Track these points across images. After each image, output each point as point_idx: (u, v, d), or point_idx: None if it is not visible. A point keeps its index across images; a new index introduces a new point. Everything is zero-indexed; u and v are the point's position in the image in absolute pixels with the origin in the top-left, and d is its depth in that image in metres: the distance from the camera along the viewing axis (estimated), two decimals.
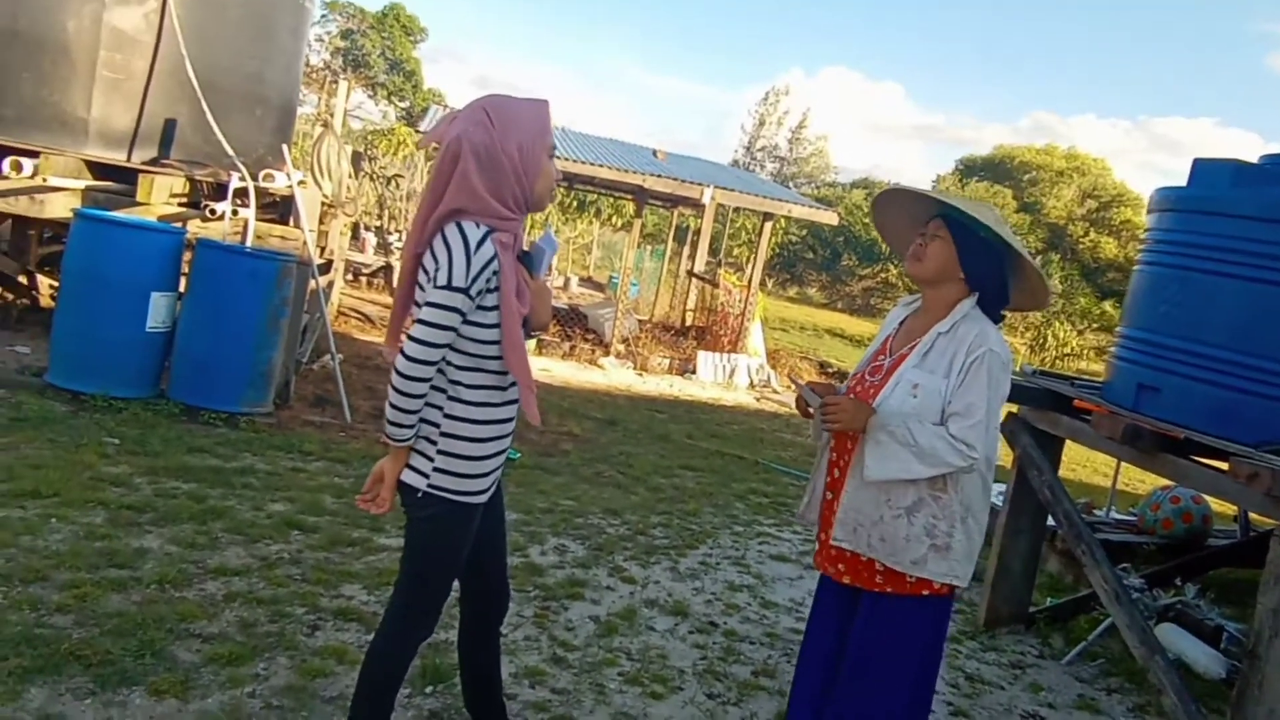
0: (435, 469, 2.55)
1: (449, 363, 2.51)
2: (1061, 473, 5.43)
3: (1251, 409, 4.09)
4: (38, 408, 5.82)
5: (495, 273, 2.44)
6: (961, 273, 2.87)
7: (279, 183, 7.49)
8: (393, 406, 2.47)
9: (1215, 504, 7.03)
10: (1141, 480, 10.37)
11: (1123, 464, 7.20)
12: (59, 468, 4.90)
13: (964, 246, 2.86)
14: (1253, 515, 6.45)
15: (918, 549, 2.78)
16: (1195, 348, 4.30)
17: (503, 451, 2.67)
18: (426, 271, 2.46)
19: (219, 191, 7.30)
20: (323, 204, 8.50)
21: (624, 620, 4.48)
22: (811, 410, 2.91)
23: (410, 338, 2.43)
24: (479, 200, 2.44)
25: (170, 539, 4.37)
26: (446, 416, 2.54)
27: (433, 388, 2.52)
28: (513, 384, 2.60)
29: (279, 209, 7.84)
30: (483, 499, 2.63)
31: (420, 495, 2.56)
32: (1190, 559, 6.03)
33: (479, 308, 2.46)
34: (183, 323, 6.49)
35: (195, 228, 7.05)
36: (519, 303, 2.53)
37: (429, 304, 2.42)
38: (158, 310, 6.37)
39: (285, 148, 7.85)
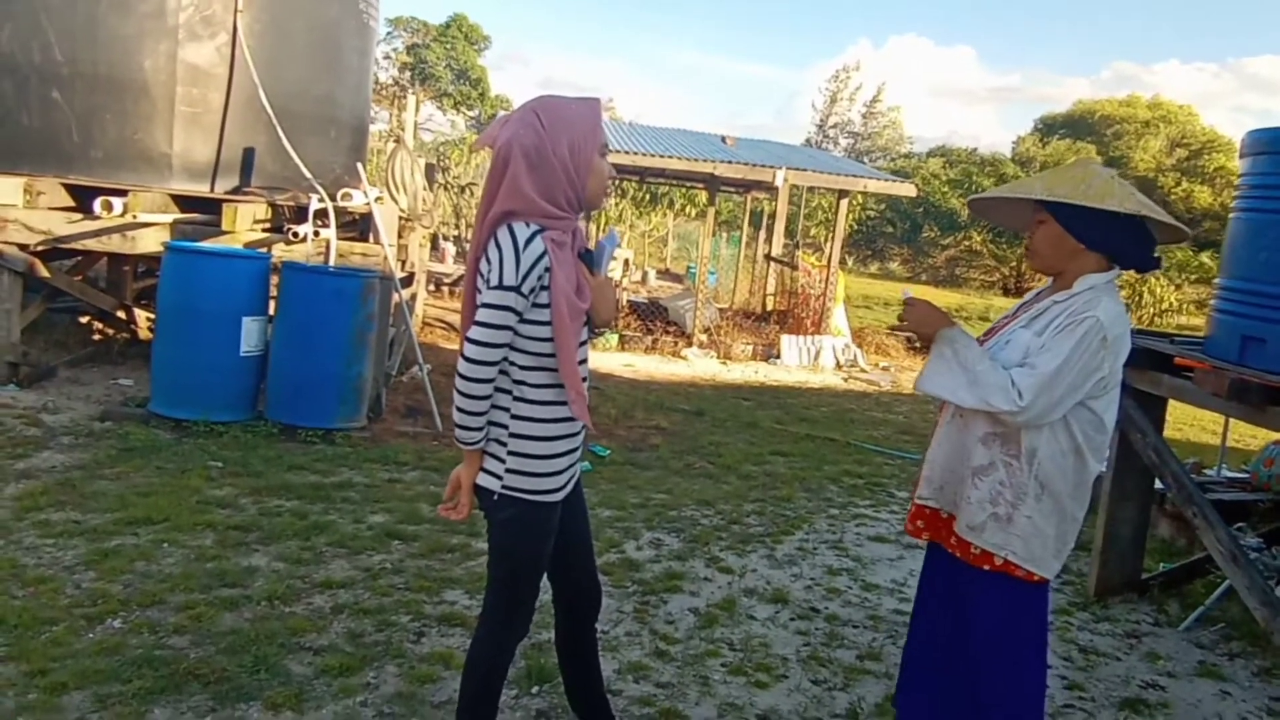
0: (508, 470, 2.57)
1: (512, 363, 2.53)
2: (1167, 433, 5.26)
3: None
4: (143, 437, 6.03)
5: (547, 269, 2.46)
6: (1080, 244, 2.73)
7: (356, 201, 7.63)
8: (459, 410, 2.50)
9: None
10: (1253, 436, 9.99)
11: (1231, 420, 6.94)
12: (167, 494, 5.07)
13: (1068, 220, 2.71)
14: None
15: (978, 514, 2.69)
16: None
17: (575, 449, 2.69)
18: (482, 275, 2.49)
19: (300, 214, 7.47)
20: (400, 218, 8.64)
21: (724, 611, 4.46)
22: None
23: (469, 339, 2.46)
24: (528, 201, 2.46)
25: (277, 556, 4.49)
26: (514, 418, 2.56)
27: (499, 389, 2.54)
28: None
29: (358, 226, 7.99)
30: (558, 496, 2.65)
31: (496, 498, 2.59)
32: None
33: (535, 305, 2.48)
34: (275, 345, 6.66)
35: (280, 251, 7.23)
36: (579, 299, 2.55)
37: (483, 305, 2.45)
38: (250, 335, 6.55)
39: (360, 166, 7.99)
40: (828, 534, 5.84)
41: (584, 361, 2.65)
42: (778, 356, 13.28)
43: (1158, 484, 5.10)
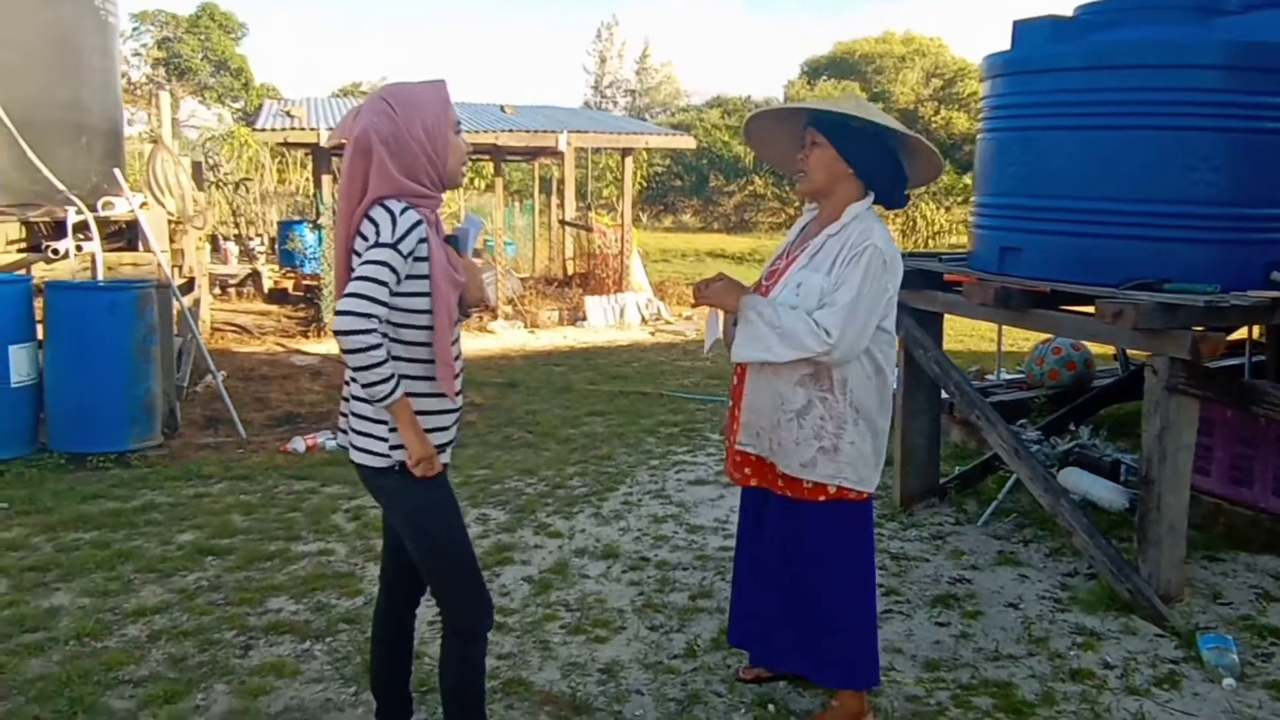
0: (392, 447, 2.56)
1: (394, 340, 2.52)
2: (951, 345, 5.62)
3: (1107, 251, 4.29)
4: None
5: (422, 240, 2.50)
6: (850, 169, 2.89)
7: (119, 209, 7.20)
8: (359, 370, 2.43)
9: (1094, 347, 7.36)
10: (1026, 339, 10.76)
11: (1005, 327, 7.48)
12: None
13: (842, 144, 2.87)
14: (1130, 350, 6.78)
15: (806, 451, 2.85)
16: (1046, 203, 4.46)
17: (455, 422, 2.70)
18: (358, 253, 2.49)
19: (58, 230, 6.98)
20: (170, 222, 8.19)
21: (557, 574, 4.51)
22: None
23: (346, 295, 2.41)
24: (399, 185, 2.52)
25: (81, 591, 4.24)
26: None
27: None
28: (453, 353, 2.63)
29: (125, 236, 7.54)
30: (445, 456, 2.67)
31: (385, 471, 2.58)
32: (1080, 403, 6.31)
33: (412, 277, 2.50)
34: (49, 371, 6.24)
35: (40, 271, 6.74)
36: (454, 271, 2.60)
37: (364, 264, 2.43)
38: (19, 364, 6.10)
39: (118, 172, 7.53)
40: (650, 484, 5.97)
41: (457, 340, 2.68)
42: (584, 319, 13.37)
43: (944, 394, 5.45)
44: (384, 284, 2.43)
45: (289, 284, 15.19)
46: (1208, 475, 5.01)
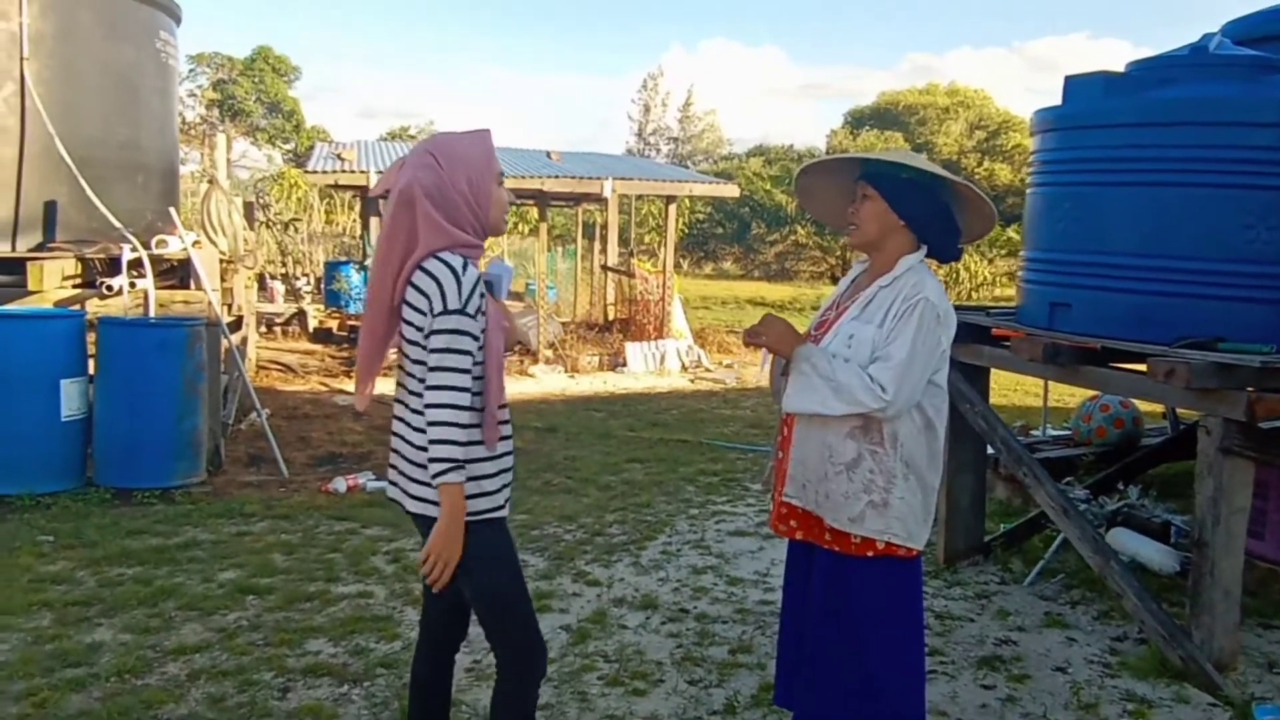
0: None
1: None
2: (994, 400, 5.55)
3: (1159, 309, 4.23)
4: None
5: (482, 295, 2.53)
6: (901, 222, 2.87)
7: (173, 247, 7.33)
8: (444, 444, 2.43)
9: (1143, 404, 7.24)
10: (1072, 395, 10.62)
11: (1051, 382, 7.39)
12: None
13: (893, 196, 2.84)
14: (1180, 410, 6.66)
15: (855, 505, 2.80)
16: (1098, 259, 4.42)
17: (511, 466, 2.70)
18: (417, 309, 2.51)
19: (112, 266, 7.12)
20: (221, 260, 8.33)
21: (595, 624, 4.48)
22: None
23: (433, 370, 2.45)
24: (450, 235, 2.54)
25: (123, 627, 4.26)
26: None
27: None
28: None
29: (178, 274, 7.67)
30: (506, 510, 2.66)
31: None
32: (1128, 462, 6.20)
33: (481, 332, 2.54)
34: (99, 405, 6.33)
35: (94, 307, 6.87)
36: (502, 319, 2.64)
37: (436, 334, 2.46)
38: (70, 398, 6.20)
39: (173, 211, 7.68)
40: (689, 534, 5.92)
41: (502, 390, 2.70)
42: (624, 364, 13.38)
43: (990, 450, 5.38)
44: (465, 352, 2.47)
45: (334, 324, 15.35)
46: (1261, 539, 4.89)
